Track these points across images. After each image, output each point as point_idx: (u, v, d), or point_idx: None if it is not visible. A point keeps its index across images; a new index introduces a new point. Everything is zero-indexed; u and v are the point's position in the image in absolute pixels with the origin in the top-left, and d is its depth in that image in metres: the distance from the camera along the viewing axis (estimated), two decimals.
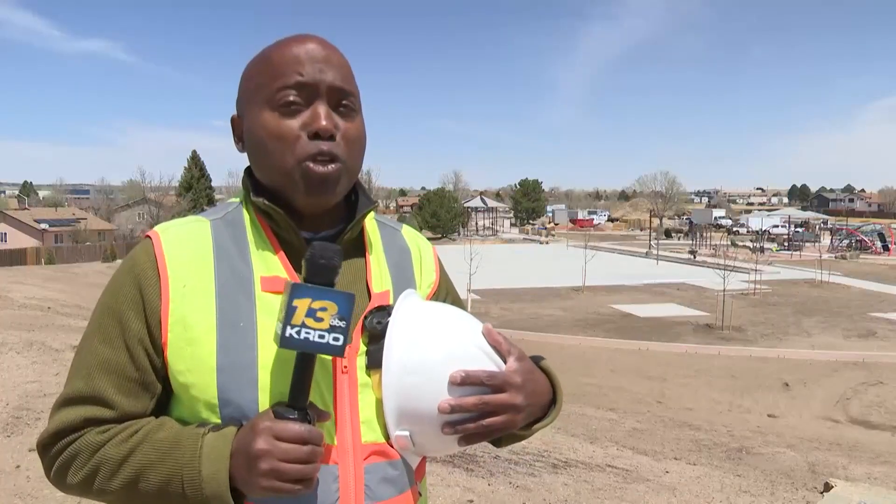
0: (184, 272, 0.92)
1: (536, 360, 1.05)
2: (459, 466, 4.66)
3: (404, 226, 1.18)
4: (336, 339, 0.83)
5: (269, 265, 0.95)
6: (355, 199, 1.05)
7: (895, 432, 9.02)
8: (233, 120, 1.04)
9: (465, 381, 0.88)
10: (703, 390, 11.11)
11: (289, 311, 0.82)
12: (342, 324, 0.84)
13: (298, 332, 0.82)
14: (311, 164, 0.92)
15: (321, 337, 0.83)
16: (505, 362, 0.94)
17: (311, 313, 0.82)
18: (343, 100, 0.96)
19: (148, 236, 0.97)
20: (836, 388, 11.13)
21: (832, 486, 4.39)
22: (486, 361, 0.92)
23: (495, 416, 0.90)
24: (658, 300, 20.13)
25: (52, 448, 0.91)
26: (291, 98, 0.93)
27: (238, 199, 1.04)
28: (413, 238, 1.16)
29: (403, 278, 1.06)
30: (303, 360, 0.84)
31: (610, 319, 17.13)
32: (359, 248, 1.04)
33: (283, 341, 0.82)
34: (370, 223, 1.09)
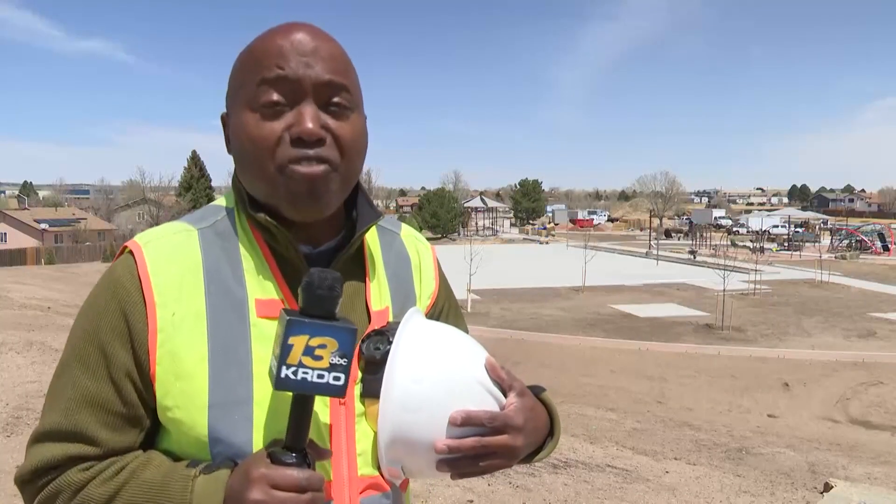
0: (172, 297, 0.84)
1: (537, 391, 1.00)
2: None
3: (403, 226, 1.10)
4: (336, 379, 0.76)
5: (265, 286, 0.87)
6: (355, 205, 0.97)
7: (895, 432, 9.02)
8: (222, 118, 0.94)
9: (466, 423, 0.84)
10: (703, 390, 11.12)
11: (284, 350, 0.74)
12: (343, 361, 0.76)
13: (295, 373, 0.75)
14: (294, 166, 0.83)
15: (320, 377, 0.75)
16: (505, 396, 0.90)
17: (308, 351, 0.75)
18: (334, 97, 0.86)
19: (129, 250, 0.87)
20: (836, 389, 11.13)
21: (832, 486, 4.39)
22: (487, 399, 0.88)
23: (493, 457, 0.86)
24: (658, 300, 20.12)
25: (32, 484, 0.84)
26: (274, 97, 0.83)
27: (224, 203, 0.95)
28: (412, 242, 1.08)
29: (402, 292, 1.00)
30: (301, 401, 0.77)
31: (610, 319, 17.12)
32: (358, 261, 0.97)
33: (279, 383, 0.75)
34: (370, 230, 1.00)
